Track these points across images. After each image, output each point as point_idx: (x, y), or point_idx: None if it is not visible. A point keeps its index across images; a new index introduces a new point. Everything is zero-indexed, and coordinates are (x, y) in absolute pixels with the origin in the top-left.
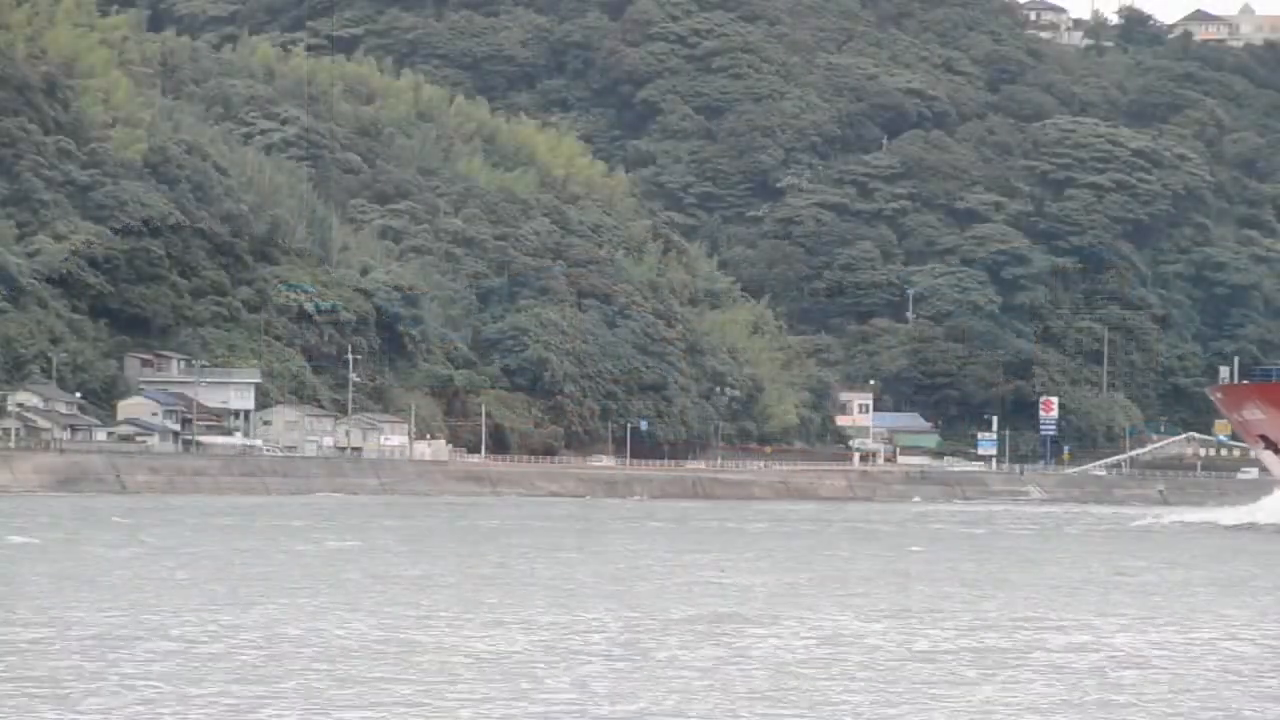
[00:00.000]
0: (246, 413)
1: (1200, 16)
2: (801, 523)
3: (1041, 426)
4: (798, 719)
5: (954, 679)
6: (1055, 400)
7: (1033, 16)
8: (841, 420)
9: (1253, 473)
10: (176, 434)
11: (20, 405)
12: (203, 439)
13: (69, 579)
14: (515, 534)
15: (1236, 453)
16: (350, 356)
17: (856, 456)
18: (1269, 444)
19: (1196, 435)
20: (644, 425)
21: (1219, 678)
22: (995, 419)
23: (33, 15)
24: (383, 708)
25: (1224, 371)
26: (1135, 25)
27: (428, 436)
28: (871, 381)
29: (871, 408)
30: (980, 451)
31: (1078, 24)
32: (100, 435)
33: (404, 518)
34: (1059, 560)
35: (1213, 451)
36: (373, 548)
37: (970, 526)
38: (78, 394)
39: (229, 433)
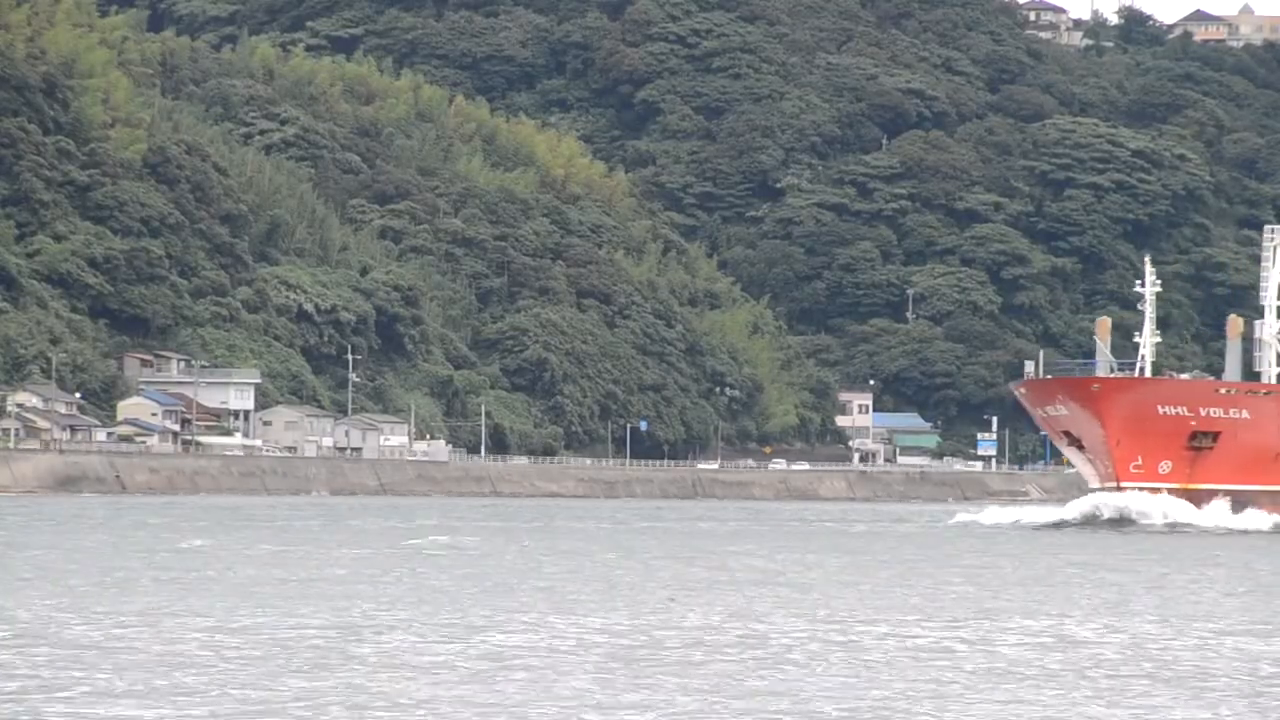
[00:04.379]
0: (246, 413)
1: (1200, 17)
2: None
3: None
4: None
5: None
6: None
7: (1032, 16)
8: (841, 420)
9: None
10: (176, 434)
11: (20, 405)
12: (202, 439)
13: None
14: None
15: None
16: (350, 356)
17: (856, 456)
18: (1073, 440)
19: None
20: (644, 425)
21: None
22: (995, 419)
23: (33, 15)
24: None
25: (1029, 367)
26: (1135, 25)
27: (427, 436)
28: (871, 381)
29: (871, 408)
30: (980, 451)
31: (1077, 24)
32: (100, 435)
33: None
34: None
35: None
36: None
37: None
38: (78, 394)
39: (229, 433)
